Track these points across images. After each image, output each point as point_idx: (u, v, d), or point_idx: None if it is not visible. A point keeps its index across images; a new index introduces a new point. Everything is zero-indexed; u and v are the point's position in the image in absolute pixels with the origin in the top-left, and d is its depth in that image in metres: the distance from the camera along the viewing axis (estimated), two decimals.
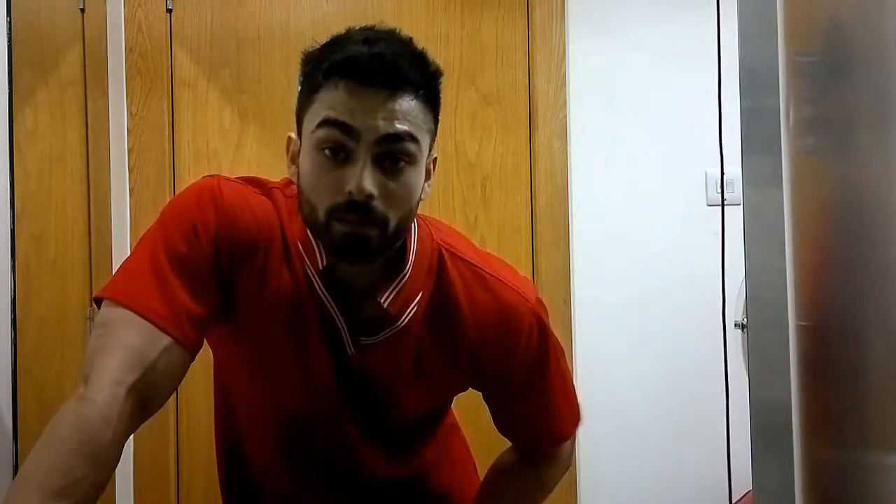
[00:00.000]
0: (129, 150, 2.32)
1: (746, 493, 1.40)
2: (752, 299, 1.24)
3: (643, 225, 2.52)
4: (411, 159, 1.00)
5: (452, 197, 2.46)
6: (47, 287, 2.30)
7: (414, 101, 0.99)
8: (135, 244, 1.08)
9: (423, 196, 1.06)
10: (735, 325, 1.68)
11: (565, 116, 2.50)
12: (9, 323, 2.22)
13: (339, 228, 0.99)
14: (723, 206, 1.37)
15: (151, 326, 0.98)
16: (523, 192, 2.50)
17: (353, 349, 1.10)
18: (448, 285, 1.12)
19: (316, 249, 1.07)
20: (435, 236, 1.15)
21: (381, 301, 1.07)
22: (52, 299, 2.30)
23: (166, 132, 2.35)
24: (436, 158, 1.09)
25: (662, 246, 2.51)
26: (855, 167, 0.81)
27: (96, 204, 2.31)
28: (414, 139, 1.00)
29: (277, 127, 2.36)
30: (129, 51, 2.32)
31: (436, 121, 1.06)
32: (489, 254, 1.22)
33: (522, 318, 1.14)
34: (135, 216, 2.31)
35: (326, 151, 0.98)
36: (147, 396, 0.97)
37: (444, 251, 1.14)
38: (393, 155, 0.99)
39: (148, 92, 2.34)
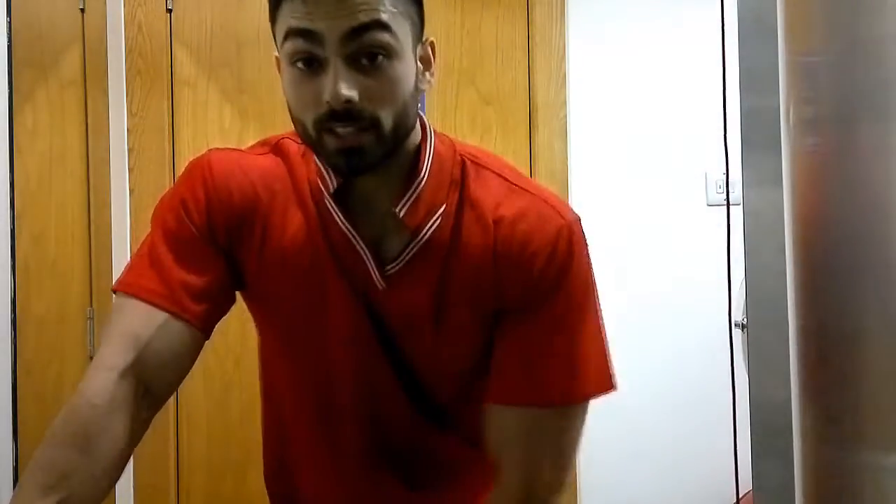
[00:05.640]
0: (129, 150, 2.32)
1: (746, 493, 1.40)
2: (752, 299, 1.24)
3: (643, 225, 2.52)
4: (389, 51, 0.93)
5: None
6: (47, 287, 2.29)
7: None
8: (135, 244, 1.08)
9: (422, 87, 1.00)
10: (735, 325, 1.68)
11: (565, 116, 2.50)
12: (9, 323, 2.22)
13: (331, 143, 0.94)
14: (728, 205, 1.36)
15: (148, 306, 0.99)
16: None
17: (380, 281, 1.03)
18: (472, 197, 1.04)
19: (325, 175, 1.03)
20: (458, 148, 1.08)
21: (397, 210, 1.01)
22: (52, 299, 2.30)
23: (166, 132, 2.35)
24: (433, 42, 1.02)
25: (662, 246, 2.51)
26: (855, 167, 0.81)
27: (96, 204, 2.31)
28: (384, 26, 0.92)
29: (277, 127, 2.34)
30: (129, 51, 2.32)
31: (417, 5, 0.99)
32: (524, 175, 1.11)
33: (549, 226, 1.02)
34: (135, 216, 2.31)
35: (300, 64, 0.94)
36: (147, 377, 0.97)
37: (467, 162, 1.07)
38: (367, 51, 0.92)
39: (148, 92, 2.34)
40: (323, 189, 1.03)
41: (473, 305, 1.05)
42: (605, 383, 1.06)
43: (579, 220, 1.05)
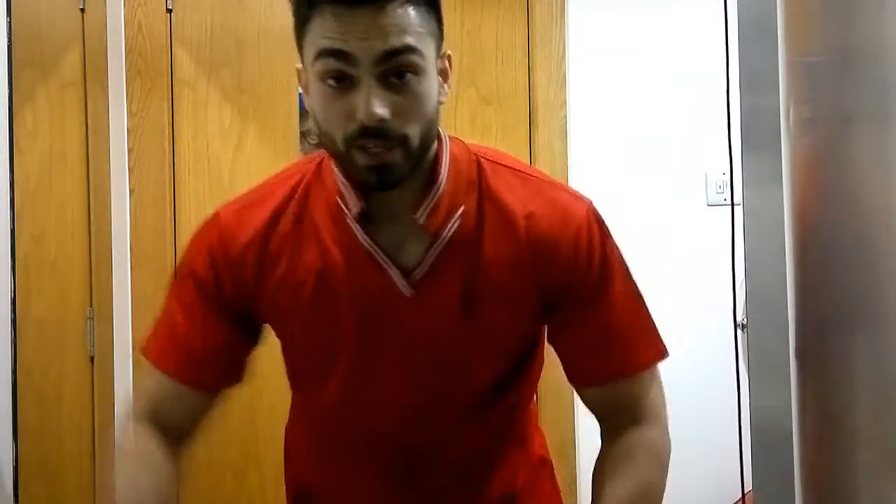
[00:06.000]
0: (129, 150, 2.32)
1: (746, 494, 1.40)
2: (752, 299, 1.24)
3: (643, 225, 2.51)
4: (417, 69, 0.97)
5: None
6: (47, 287, 2.29)
7: (407, 7, 0.96)
8: (135, 243, 1.11)
9: (441, 99, 1.04)
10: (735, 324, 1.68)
11: (565, 116, 2.50)
12: (9, 323, 2.22)
13: (360, 160, 0.97)
14: (733, 205, 1.35)
15: (161, 375, 1.13)
16: None
17: (407, 287, 1.05)
18: (493, 194, 1.07)
19: (348, 196, 1.05)
20: (472, 149, 1.11)
21: (416, 216, 1.04)
22: (52, 299, 2.30)
23: (166, 132, 2.35)
24: (450, 56, 1.06)
25: (662, 246, 2.51)
26: (854, 167, 0.81)
27: (96, 204, 2.31)
28: (414, 50, 0.96)
29: (277, 127, 2.36)
30: (129, 51, 2.32)
31: (438, 21, 1.02)
32: (532, 167, 1.17)
33: (576, 215, 1.10)
34: (135, 216, 2.31)
35: (331, 81, 0.96)
36: (159, 423, 1.13)
37: (482, 161, 1.10)
38: (397, 70, 0.95)
39: (148, 92, 2.34)
40: (345, 209, 1.05)
41: (508, 302, 1.08)
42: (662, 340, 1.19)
43: (591, 201, 1.14)
